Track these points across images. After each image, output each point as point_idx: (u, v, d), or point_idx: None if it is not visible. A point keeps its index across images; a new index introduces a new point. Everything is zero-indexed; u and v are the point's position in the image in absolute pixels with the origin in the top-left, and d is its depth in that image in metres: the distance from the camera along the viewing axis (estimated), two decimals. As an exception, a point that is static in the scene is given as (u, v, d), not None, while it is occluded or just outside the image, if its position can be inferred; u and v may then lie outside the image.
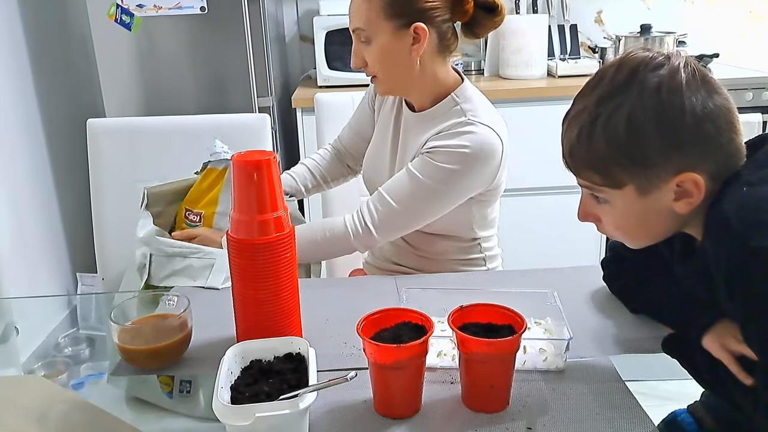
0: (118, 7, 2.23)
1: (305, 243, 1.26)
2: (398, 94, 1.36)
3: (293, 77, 3.04)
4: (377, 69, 1.27)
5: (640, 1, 3.00)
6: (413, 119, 1.33)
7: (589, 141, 0.80)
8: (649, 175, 0.80)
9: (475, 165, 1.22)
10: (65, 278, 2.47)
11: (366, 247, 1.29)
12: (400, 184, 1.25)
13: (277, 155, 0.94)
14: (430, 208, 1.26)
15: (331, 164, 1.56)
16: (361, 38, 1.26)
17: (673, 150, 0.78)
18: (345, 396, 0.86)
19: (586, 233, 2.70)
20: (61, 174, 2.46)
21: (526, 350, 0.92)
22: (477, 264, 1.41)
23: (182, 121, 1.81)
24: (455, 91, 1.29)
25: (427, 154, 1.24)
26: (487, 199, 1.33)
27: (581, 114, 0.81)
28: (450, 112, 1.27)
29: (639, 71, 0.78)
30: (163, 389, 0.97)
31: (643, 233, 0.88)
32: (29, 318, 1.31)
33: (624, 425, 0.81)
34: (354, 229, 1.25)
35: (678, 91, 0.76)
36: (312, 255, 1.32)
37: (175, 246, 1.27)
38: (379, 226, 1.25)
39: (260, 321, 0.94)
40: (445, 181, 1.22)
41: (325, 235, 1.27)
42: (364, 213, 1.26)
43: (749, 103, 2.46)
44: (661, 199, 0.81)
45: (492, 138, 1.22)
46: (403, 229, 1.30)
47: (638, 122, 0.77)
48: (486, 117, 1.24)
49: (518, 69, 2.69)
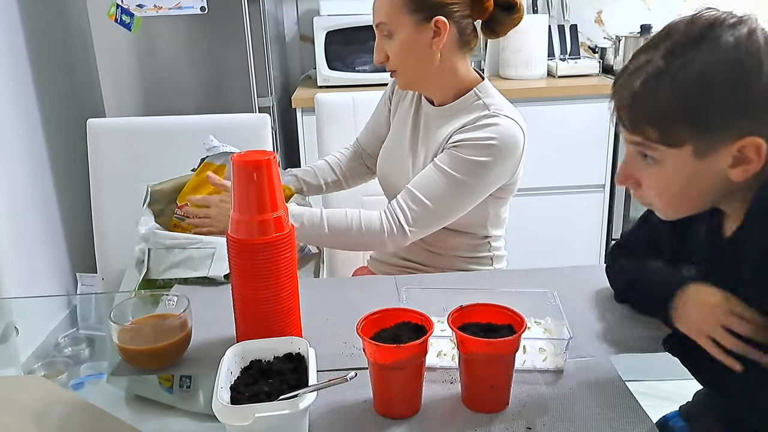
0: (118, 7, 2.23)
1: (338, 229, 1.26)
2: (418, 88, 1.36)
3: (293, 77, 3.04)
4: (398, 63, 1.28)
5: (640, 1, 3.00)
6: (434, 113, 1.34)
7: (655, 93, 0.76)
8: (711, 137, 0.75)
9: (502, 156, 1.24)
10: (65, 278, 2.47)
11: (397, 246, 1.29)
12: (432, 182, 1.25)
13: (277, 155, 0.94)
14: (462, 202, 1.27)
15: (352, 163, 1.57)
16: (384, 32, 1.27)
17: (743, 112, 0.74)
18: (345, 396, 0.86)
19: (586, 233, 2.72)
20: (61, 174, 2.46)
21: (526, 350, 0.92)
22: (484, 262, 1.42)
23: (182, 121, 1.81)
24: (477, 86, 1.31)
25: (454, 149, 1.25)
26: (503, 196, 1.34)
27: (646, 66, 0.77)
28: (472, 106, 1.29)
29: (715, 27, 0.75)
30: (163, 385, 0.97)
31: (685, 201, 0.83)
32: (29, 318, 1.31)
33: (624, 425, 0.81)
34: (389, 227, 1.25)
35: (756, 52, 0.73)
36: (341, 242, 1.32)
37: (173, 238, 1.27)
38: (413, 226, 1.25)
39: (260, 321, 0.94)
40: (475, 173, 1.24)
41: (360, 226, 1.26)
42: (397, 212, 1.26)
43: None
44: (717, 163, 0.77)
45: (516, 129, 1.25)
46: (435, 227, 1.30)
47: (711, 79, 0.74)
48: (508, 110, 1.27)
49: (518, 69, 2.69)
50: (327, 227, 1.26)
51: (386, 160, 1.45)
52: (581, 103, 2.55)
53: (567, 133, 2.57)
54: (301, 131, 2.51)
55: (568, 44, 2.87)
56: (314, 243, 1.38)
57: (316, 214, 1.27)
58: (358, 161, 1.58)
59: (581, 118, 2.57)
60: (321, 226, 1.26)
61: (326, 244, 1.31)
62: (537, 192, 2.60)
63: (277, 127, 2.54)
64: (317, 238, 1.30)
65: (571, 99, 2.55)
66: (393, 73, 1.31)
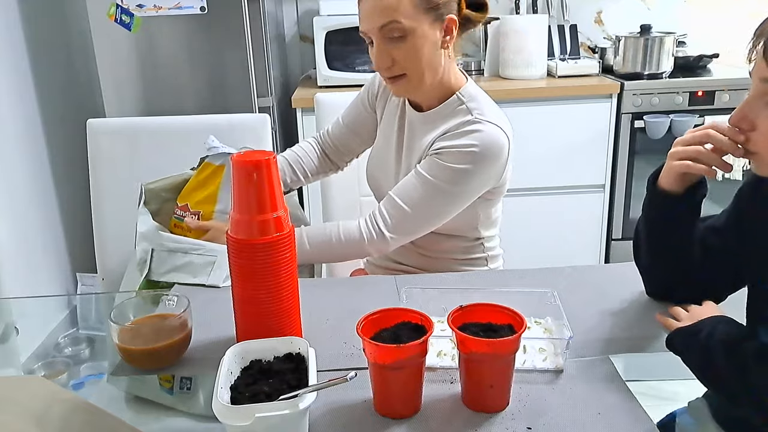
0: (118, 7, 2.24)
1: (318, 243, 1.26)
2: (417, 93, 1.31)
3: (293, 77, 3.04)
4: (410, 66, 1.22)
5: (640, 2, 3.01)
6: (418, 119, 1.33)
7: None
8: None
9: (484, 163, 1.22)
10: (65, 278, 2.47)
11: (379, 251, 1.29)
12: (411, 188, 1.25)
13: (277, 155, 0.94)
14: (443, 209, 1.26)
15: (314, 158, 1.53)
16: (394, 34, 1.19)
17: None
18: (345, 396, 0.86)
19: (586, 233, 2.72)
20: (61, 174, 2.46)
21: (526, 350, 0.92)
22: (479, 263, 1.41)
23: (182, 121, 1.81)
24: (460, 90, 1.29)
25: (436, 156, 1.24)
26: (492, 198, 1.33)
27: None
28: (455, 111, 1.27)
29: None
30: (163, 386, 0.97)
31: None
32: (29, 318, 1.31)
33: (624, 425, 0.80)
34: (368, 234, 1.25)
35: None
36: (324, 256, 1.32)
37: (176, 241, 1.27)
38: (393, 231, 1.25)
39: (260, 321, 0.94)
40: (456, 181, 1.23)
41: (339, 238, 1.27)
42: (377, 218, 1.26)
43: (749, 103, 2.46)
44: None
45: (499, 135, 1.22)
46: (416, 233, 1.29)
47: None
48: (491, 115, 1.25)
49: (518, 69, 2.69)
50: (308, 243, 1.26)
51: (375, 166, 1.45)
52: (581, 103, 2.55)
53: (567, 133, 2.57)
54: (301, 131, 2.51)
55: (568, 44, 2.87)
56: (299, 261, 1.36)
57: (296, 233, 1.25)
58: (322, 156, 1.54)
59: (581, 118, 2.57)
60: (302, 243, 1.25)
61: (311, 260, 1.30)
62: (537, 192, 2.60)
63: (277, 127, 2.54)
64: (300, 255, 1.26)
65: (571, 99, 2.55)
66: (397, 78, 1.25)
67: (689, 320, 0.97)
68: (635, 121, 2.57)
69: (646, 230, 1.06)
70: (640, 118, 2.56)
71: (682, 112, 2.54)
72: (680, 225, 1.01)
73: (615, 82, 2.57)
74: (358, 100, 1.50)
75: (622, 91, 2.55)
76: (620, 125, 2.58)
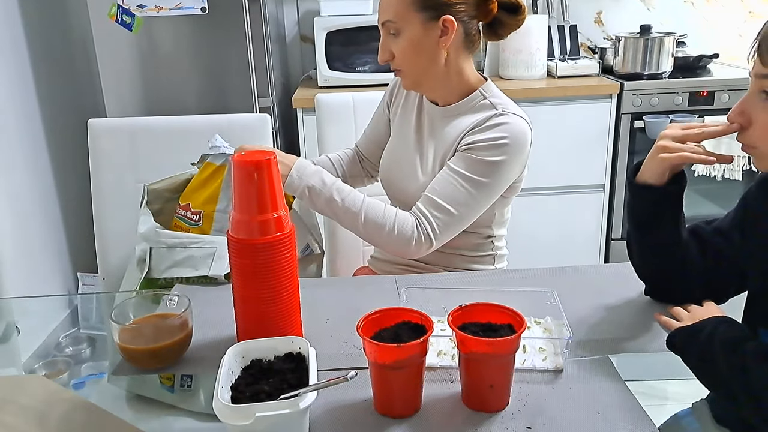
0: (119, 7, 2.24)
1: (372, 221, 1.24)
2: (422, 88, 1.36)
3: (294, 77, 3.04)
4: (404, 61, 1.28)
5: (640, 2, 3.01)
6: (439, 114, 1.34)
7: None
8: None
9: (514, 153, 1.25)
10: (66, 278, 2.47)
11: (419, 255, 1.27)
12: (452, 188, 1.25)
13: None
14: (482, 203, 1.28)
15: (352, 164, 1.57)
16: (390, 31, 1.26)
17: None
18: (345, 396, 0.86)
19: (586, 233, 2.72)
20: (61, 174, 2.47)
21: (526, 349, 0.92)
22: (486, 261, 1.42)
23: (183, 122, 1.81)
24: (481, 87, 1.32)
25: (468, 151, 1.25)
26: (508, 196, 1.36)
27: None
28: (479, 105, 1.30)
29: None
30: (164, 384, 0.97)
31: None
32: (30, 318, 1.31)
33: (624, 425, 0.81)
34: (418, 236, 1.24)
35: None
36: (368, 236, 1.28)
37: (175, 237, 1.27)
38: (439, 235, 1.25)
39: (260, 320, 0.94)
40: (492, 173, 1.25)
41: (393, 228, 1.24)
42: (424, 222, 1.24)
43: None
44: None
45: (524, 126, 1.27)
46: (457, 233, 1.29)
47: None
48: (515, 108, 1.29)
49: (518, 69, 2.70)
50: (363, 217, 1.23)
51: (391, 161, 1.45)
52: (581, 103, 2.56)
53: (567, 133, 2.57)
54: (302, 131, 2.51)
55: (567, 45, 2.87)
56: (343, 225, 1.31)
57: (358, 199, 1.24)
58: (358, 164, 1.58)
59: (581, 118, 2.57)
60: (358, 213, 1.23)
61: (353, 230, 1.27)
62: (537, 192, 2.60)
63: (278, 127, 2.54)
64: (349, 222, 1.26)
65: (571, 99, 2.55)
66: (397, 72, 1.31)
67: (690, 320, 0.97)
68: (635, 122, 2.57)
69: (633, 227, 1.07)
70: (639, 119, 2.56)
71: (682, 113, 2.54)
72: (665, 216, 1.02)
73: (615, 83, 2.57)
74: (379, 108, 1.52)
75: (622, 91, 2.55)
76: (620, 125, 2.58)
